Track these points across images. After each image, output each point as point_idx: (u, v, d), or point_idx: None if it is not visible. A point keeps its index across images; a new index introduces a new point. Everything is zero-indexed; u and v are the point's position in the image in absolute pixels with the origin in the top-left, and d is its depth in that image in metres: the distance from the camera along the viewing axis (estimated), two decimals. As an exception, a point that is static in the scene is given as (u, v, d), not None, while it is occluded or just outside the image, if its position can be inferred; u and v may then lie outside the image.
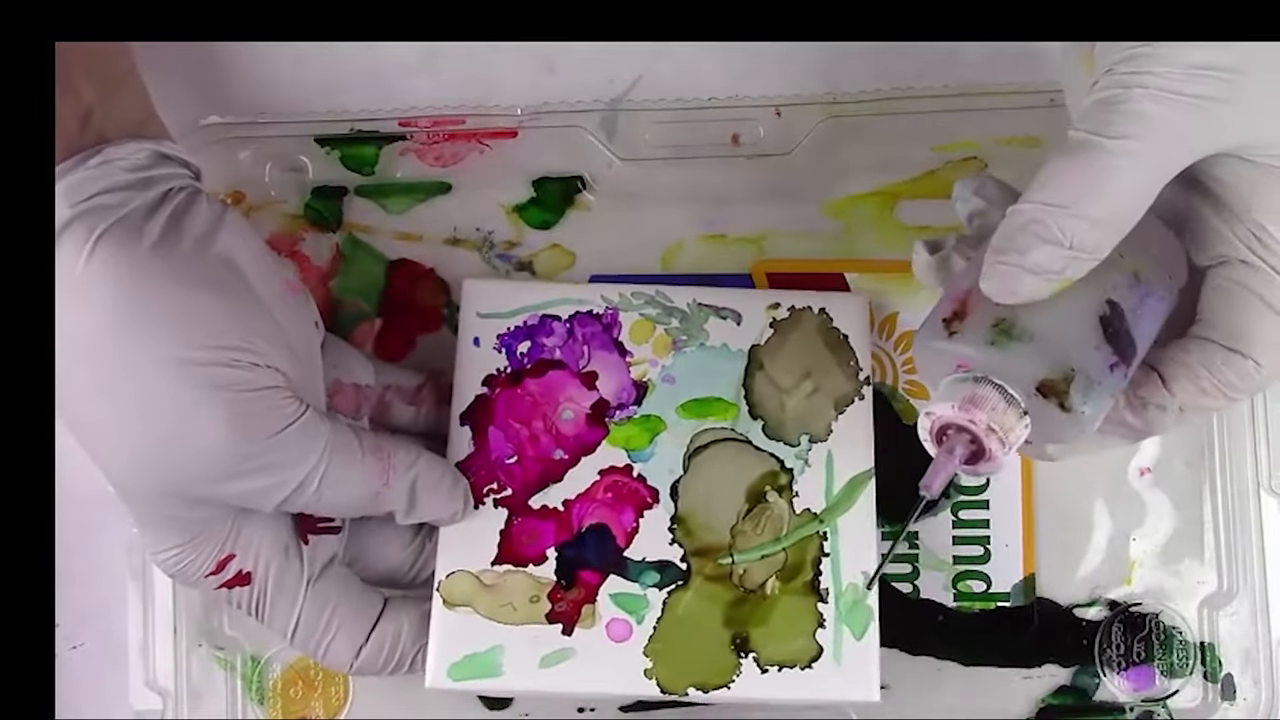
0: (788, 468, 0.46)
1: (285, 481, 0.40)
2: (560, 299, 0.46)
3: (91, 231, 0.38)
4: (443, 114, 0.48)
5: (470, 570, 0.44)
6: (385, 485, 0.42)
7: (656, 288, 0.46)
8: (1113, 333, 0.35)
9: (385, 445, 0.42)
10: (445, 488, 0.43)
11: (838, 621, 0.45)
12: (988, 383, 0.35)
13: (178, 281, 0.39)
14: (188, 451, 0.38)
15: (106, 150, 0.39)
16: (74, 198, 0.38)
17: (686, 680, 0.44)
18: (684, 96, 0.48)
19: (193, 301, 0.39)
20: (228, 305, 0.39)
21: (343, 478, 0.41)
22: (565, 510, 0.45)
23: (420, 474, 0.43)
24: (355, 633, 0.44)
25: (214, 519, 0.41)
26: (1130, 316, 0.35)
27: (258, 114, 0.48)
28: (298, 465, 0.40)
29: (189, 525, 0.41)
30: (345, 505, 0.42)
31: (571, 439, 0.45)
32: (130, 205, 0.39)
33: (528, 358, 0.46)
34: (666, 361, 0.46)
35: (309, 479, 0.40)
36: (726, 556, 0.45)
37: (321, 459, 0.40)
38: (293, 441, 0.40)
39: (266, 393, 0.39)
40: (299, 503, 0.41)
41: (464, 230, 0.49)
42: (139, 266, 0.38)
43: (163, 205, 0.40)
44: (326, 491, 0.41)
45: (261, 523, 0.42)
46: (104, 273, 0.38)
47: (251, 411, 0.39)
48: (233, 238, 0.41)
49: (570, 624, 0.44)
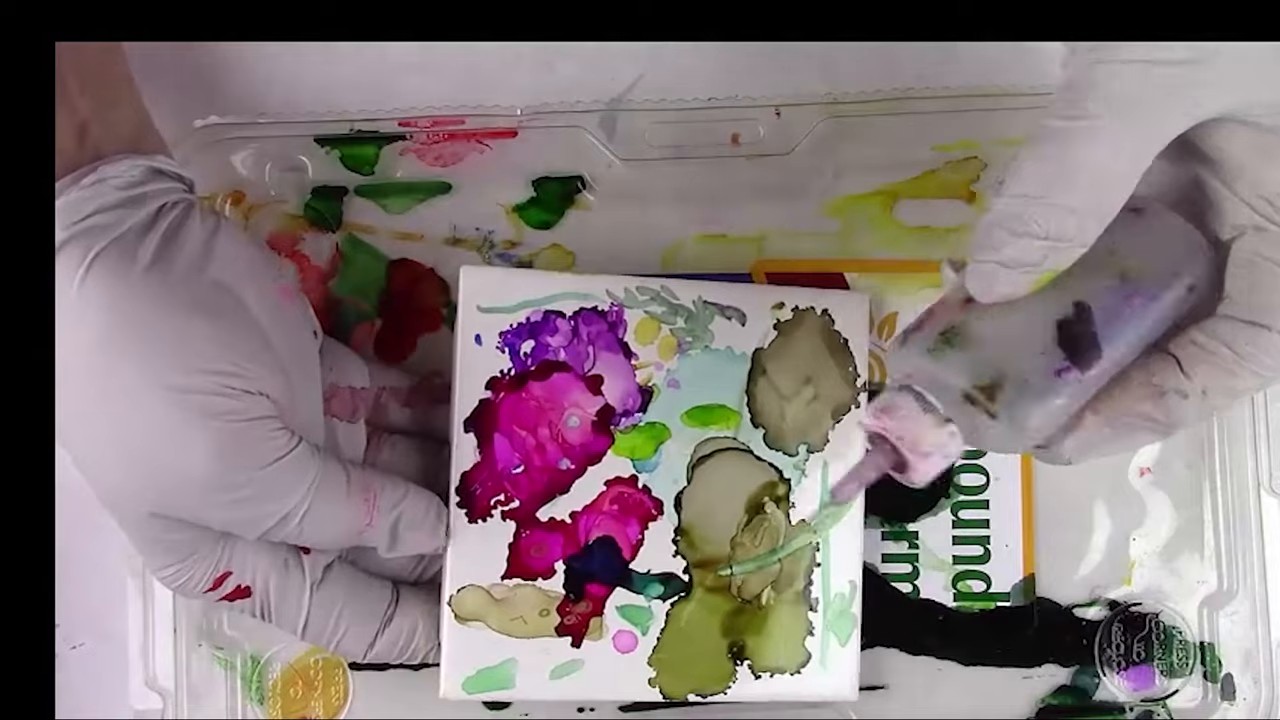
0: (785, 478, 0.46)
1: (269, 514, 0.40)
2: (563, 292, 0.45)
3: (87, 253, 0.38)
4: (443, 114, 0.48)
5: (480, 585, 0.44)
6: (369, 525, 0.42)
7: (662, 282, 0.46)
8: (1069, 336, 0.34)
9: (373, 484, 0.42)
10: (429, 525, 0.43)
11: (825, 629, 0.46)
12: (907, 391, 0.35)
13: (171, 306, 0.38)
14: (175, 477, 0.38)
15: (101, 169, 0.39)
16: (69, 218, 0.38)
17: (687, 687, 0.45)
18: (684, 96, 0.48)
19: (186, 327, 0.38)
20: (221, 331, 0.39)
21: (326, 515, 0.41)
22: (573, 523, 0.45)
23: (404, 512, 0.42)
24: (366, 630, 0.44)
25: (204, 540, 0.41)
26: (1100, 318, 0.34)
27: (257, 114, 0.48)
28: (282, 500, 0.40)
29: (179, 546, 0.41)
30: (327, 540, 0.42)
31: (578, 448, 0.45)
32: (124, 225, 0.38)
33: (532, 358, 0.45)
34: (671, 365, 0.45)
35: (292, 514, 0.40)
36: (726, 568, 0.45)
37: (306, 495, 0.40)
38: (280, 475, 0.39)
39: (258, 423, 0.39)
40: (281, 534, 0.41)
41: (464, 230, 0.48)
42: (133, 290, 0.38)
43: (156, 223, 0.39)
44: (308, 527, 0.41)
45: (254, 541, 0.42)
46: (98, 296, 0.38)
47: (241, 442, 0.39)
48: (227, 253, 0.40)
49: (579, 637, 0.45)
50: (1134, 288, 0.35)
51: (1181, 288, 0.35)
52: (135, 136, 0.41)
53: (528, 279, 0.46)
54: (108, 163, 0.39)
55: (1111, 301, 0.34)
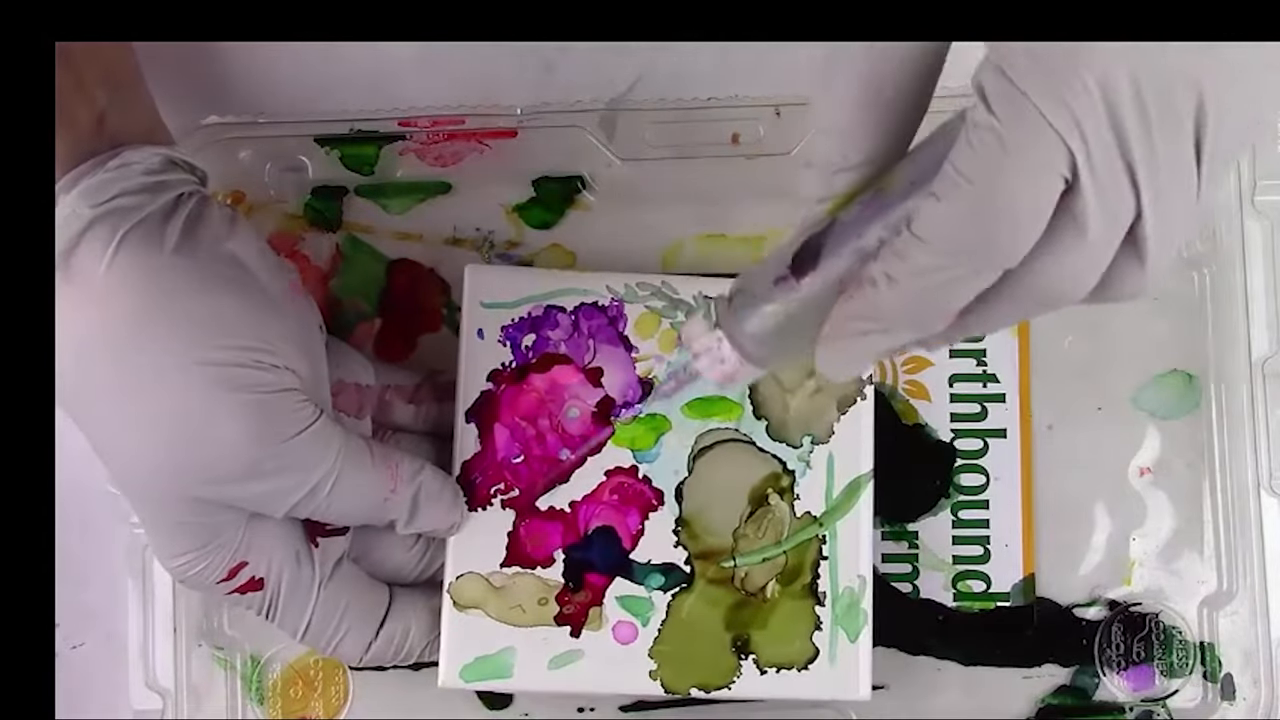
0: (790, 470, 0.46)
1: (299, 484, 0.40)
2: (565, 289, 0.46)
3: (114, 233, 0.38)
4: (442, 114, 0.48)
5: (480, 572, 0.45)
6: (392, 493, 0.42)
7: (663, 278, 0.46)
8: (803, 248, 0.34)
9: (392, 455, 0.43)
10: (447, 499, 0.44)
11: (833, 624, 0.45)
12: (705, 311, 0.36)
13: (199, 284, 0.39)
14: (208, 451, 0.39)
15: (124, 153, 0.39)
16: (95, 199, 0.38)
17: (689, 681, 0.45)
18: (684, 96, 0.48)
19: (215, 304, 0.39)
20: (247, 308, 0.40)
21: (353, 484, 0.41)
22: (572, 512, 0.45)
23: (424, 484, 0.43)
24: (364, 631, 0.44)
25: (226, 525, 0.41)
26: (838, 229, 0.34)
27: (257, 114, 0.48)
28: (313, 469, 0.40)
29: (201, 531, 0.41)
30: (352, 512, 0.42)
31: (577, 438, 0.45)
32: (148, 208, 0.39)
33: (533, 351, 0.46)
34: (672, 358, 0.46)
35: (321, 483, 0.40)
36: (729, 560, 0.45)
37: (335, 464, 0.41)
38: (309, 445, 0.40)
39: (285, 395, 0.40)
40: (309, 507, 0.41)
41: (464, 230, 0.49)
42: (162, 269, 0.38)
43: (178, 209, 0.40)
44: (336, 497, 0.41)
45: (272, 529, 0.42)
46: (127, 276, 0.38)
47: (272, 413, 0.39)
48: (243, 243, 0.41)
49: (578, 626, 0.45)
50: (880, 199, 0.34)
51: (919, 196, 0.33)
52: (149, 129, 0.42)
53: (530, 276, 0.46)
54: (130, 149, 0.40)
55: (856, 213, 0.34)
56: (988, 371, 0.48)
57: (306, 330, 0.42)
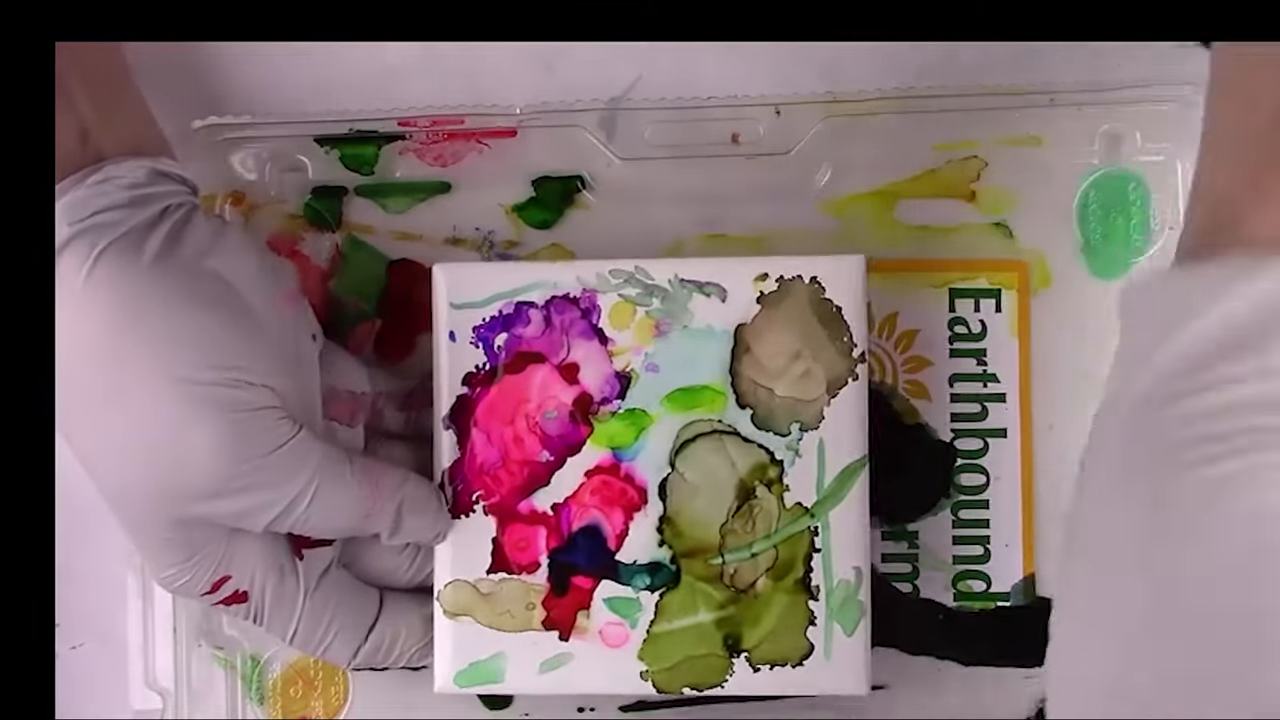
0: (778, 460, 0.44)
1: (275, 500, 0.40)
2: (534, 282, 0.45)
3: (92, 249, 0.38)
4: (442, 114, 0.48)
5: (467, 580, 0.44)
6: (374, 508, 0.42)
7: (636, 263, 0.45)
8: None
9: (374, 469, 0.43)
10: (431, 510, 0.44)
11: (828, 619, 0.44)
12: None
13: (177, 300, 0.39)
14: (182, 468, 0.39)
15: (107, 168, 0.39)
16: (74, 215, 0.38)
17: (681, 680, 0.44)
18: (684, 96, 0.48)
19: (192, 320, 0.39)
20: (225, 325, 0.39)
21: (331, 499, 0.41)
22: (555, 515, 0.45)
23: (407, 497, 0.43)
24: (352, 636, 0.44)
25: (207, 540, 0.41)
26: None
27: (257, 114, 0.48)
28: (288, 484, 0.40)
29: (183, 546, 0.41)
30: (333, 527, 0.42)
31: (556, 439, 0.45)
32: (129, 223, 0.39)
33: (505, 351, 0.45)
34: (650, 348, 0.44)
35: (298, 500, 0.40)
36: (716, 556, 0.44)
37: (312, 480, 0.41)
38: (285, 461, 0.40)
39: (262, 413, 0.40)
40: (288, 523, 0.41)
41: (464, 230, 0.49)
42: (138, 284, 0.38)
43: (161, 222, 0.40)
44: (315, 512, 0.41)
45: (255, 544, 0.42)
46: (103, 290, 0.38)
47: (246, 430, 0.39)
48: (231, 255, 0.41)
49: (566, 630, 0.44)
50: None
51: None
52: (137, 138, 0.41)
53: (498, 271, 0.46)
54: (113, 163, 0.39)
55: None
56: (988, 371, 0.48)
57: (293, 343, 0.42)
